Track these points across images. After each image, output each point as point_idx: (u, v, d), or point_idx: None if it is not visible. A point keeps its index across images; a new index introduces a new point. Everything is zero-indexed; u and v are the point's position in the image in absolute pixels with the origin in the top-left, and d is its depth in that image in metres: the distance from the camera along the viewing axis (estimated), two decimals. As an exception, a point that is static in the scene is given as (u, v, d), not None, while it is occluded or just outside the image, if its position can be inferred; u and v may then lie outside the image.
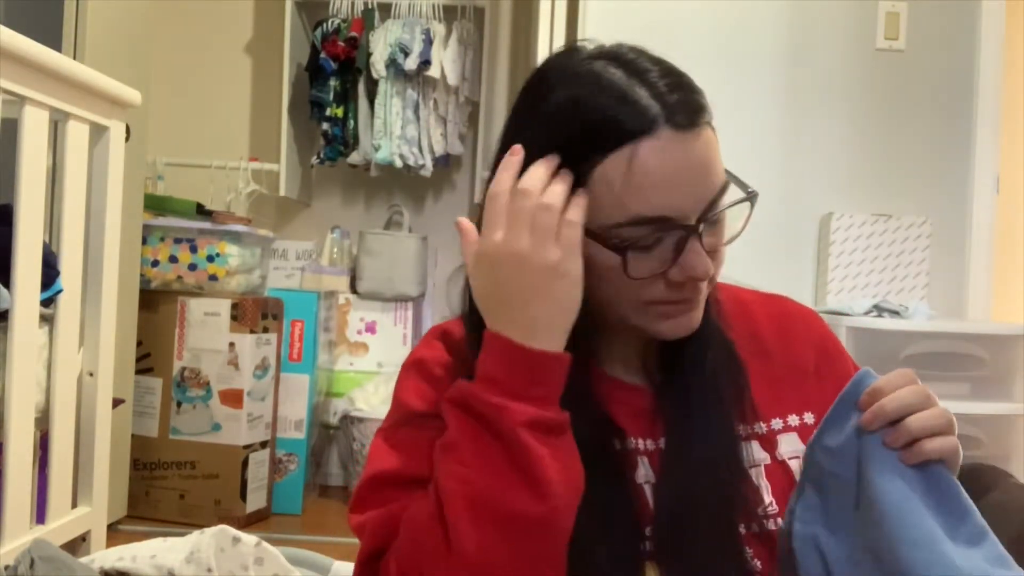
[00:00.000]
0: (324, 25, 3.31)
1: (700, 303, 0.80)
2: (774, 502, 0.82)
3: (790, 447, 0.86)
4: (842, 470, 0.76)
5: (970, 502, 0.72)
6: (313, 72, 3.32)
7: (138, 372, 2.71)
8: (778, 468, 0.84)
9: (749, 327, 0.89)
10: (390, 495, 0.79)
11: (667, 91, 0.74)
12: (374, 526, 0.78)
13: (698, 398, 0.82)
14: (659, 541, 0.79)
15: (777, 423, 0.86)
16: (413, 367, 0.88)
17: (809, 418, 0.87)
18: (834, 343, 0.93)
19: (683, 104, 0.74)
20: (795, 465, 0.84)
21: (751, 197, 0.78)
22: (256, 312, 2.74)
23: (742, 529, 0.81)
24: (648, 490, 0.81)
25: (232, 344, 2.72)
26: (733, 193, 0.78)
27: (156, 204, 2.87)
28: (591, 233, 0.75)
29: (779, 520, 0.81)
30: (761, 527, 0.81)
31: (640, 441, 0.83)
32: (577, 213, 0.74)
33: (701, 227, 0.74)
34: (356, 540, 0.80)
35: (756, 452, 0.84)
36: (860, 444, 0.75)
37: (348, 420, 3.00)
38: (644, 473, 0.82)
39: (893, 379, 0.75)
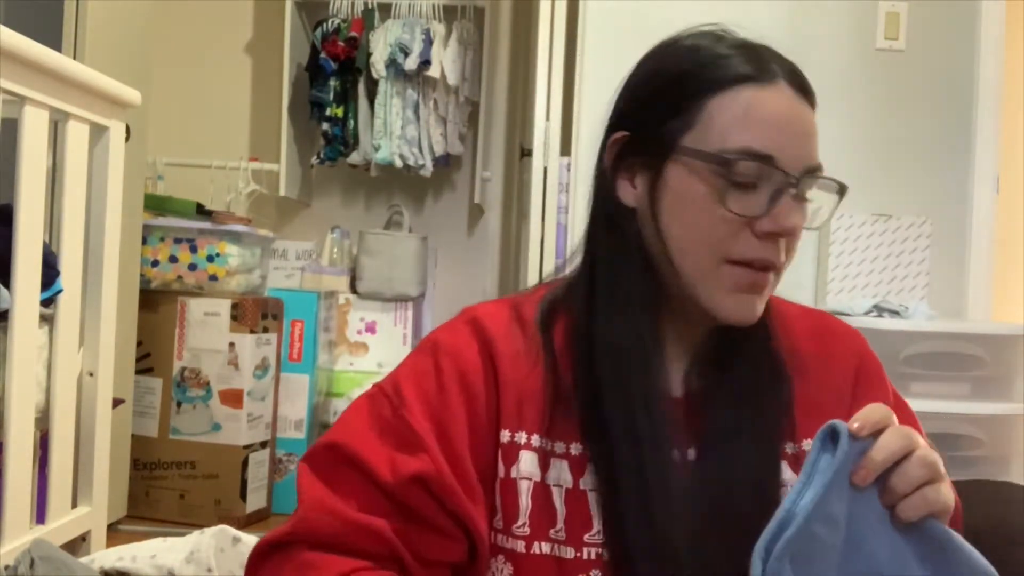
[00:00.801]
0: (324, 25, 3.31)
1: (766, 290, 0.80)
2: None
3: None
4: (828, 533, 0.68)
5: (966, 550, 0.68)
6: (313, 72, 3.32)
7: (138, 372, 2.71)
8: None
9: (788, 342, 0.87)
10: (341, 477, 0.78)
11: (791, 63, 0.81)
12: (302, 514, 0.77)
13: (739, 412, 0.81)
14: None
15: (807, 444, 0.83)
16: (429, 351, 0.84)
17: None
18: (875, 367, 0.90)
19: (803, 80, 0.81)
20: None
21: (843, 190, 0.80)
22: (256, 312, 2.74)
23: None
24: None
25: (232, 344, 2.72)
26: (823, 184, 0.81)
27: (156, 204, 2.87)
28: (700, 154, 0.77)
29: None
30: None
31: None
32: None
33: (800, 183, 0.77)
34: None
35: (785, 472, 0.82)
36: (847, 506, 0.68)
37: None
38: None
39: (871, 416, 0.67)
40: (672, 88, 0.80)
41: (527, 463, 0.80)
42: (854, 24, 2.67)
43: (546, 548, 0.79)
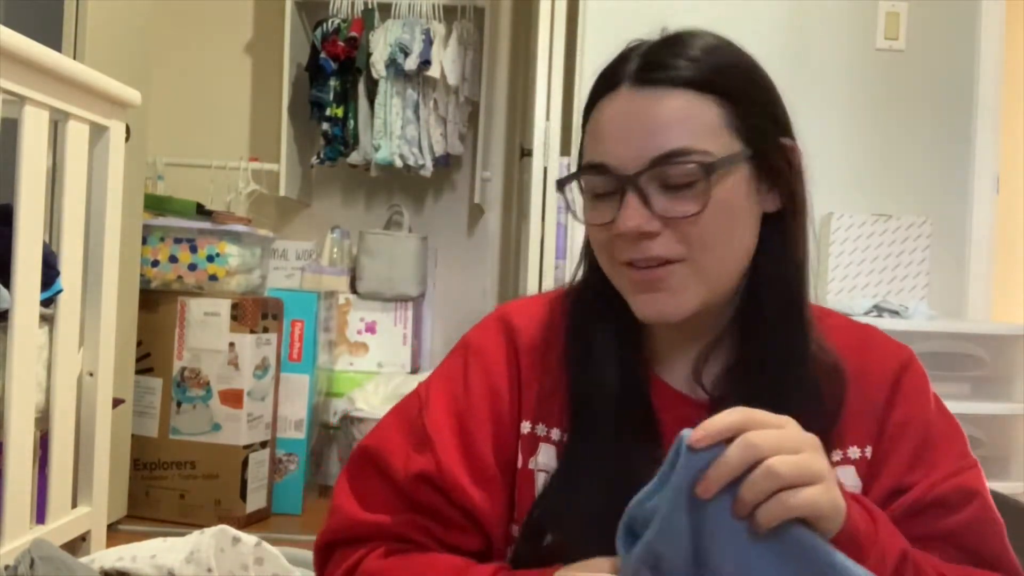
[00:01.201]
0: (324, 25, 3.31)
1: (668, 284, 0.77)
2: None
3: (845, 481, 0.79)
4: (673, 552, 0.63)
5: (837, 560, 0.62)
6: (313, 72, 3.32)
7: (138, 372, 2.71)
8: None
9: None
10: (366, 478, 0.85)
11: (649, 52, 0.79)
12: (340, 518, 0.84)
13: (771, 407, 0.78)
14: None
15: (837, 454, 0.82)
16: (460, 352, 0.89)
17: (868, 452, 0.82)
18: (916, 381, 0.86)
19: (652, 64, 0.78)
20: None
21: (706, 166, 0.75)
22: (256, 312, 2.74)
23: None
24: None
25: (232, 344, 2.72)
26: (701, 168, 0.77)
27: (156, 204, 2.87)
28: (569, 175, 0.82)
29: None
30: None
31: None
32: None
33: (640, 180, 0.75)
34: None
35: None
36: (694, 519, 0.63)
37: (348, 420, 3.00)
38: None
39: (714, 426, 0.63)
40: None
41: (544, 455, 0.83)
42: (854, 24, 2.67)
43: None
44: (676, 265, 0.77)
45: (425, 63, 3.21)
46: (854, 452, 0.82)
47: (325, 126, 3.33)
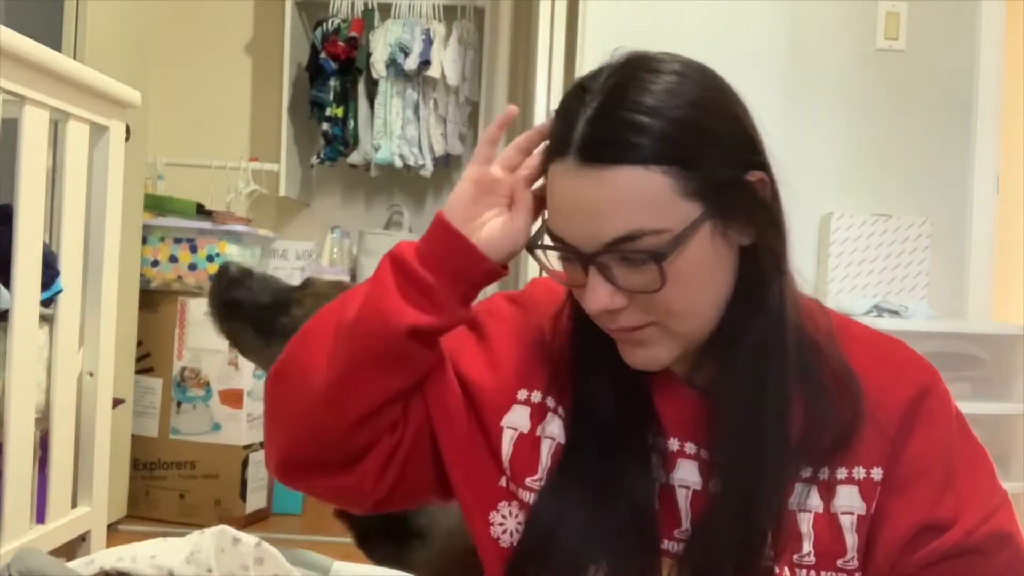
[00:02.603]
0: (324, 25, 3.31)
1: (645, 341, 0.78)
2: (812, 552, 0.78)
3: (847, 501, 0.80)
4: None
5: None
6: (313, 72, 3.32)
7: (138, 372, 2.71)
8: (827, 520, 0.79)
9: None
10: None
11: (596, 119, 0.74)
12: None
13: (740, 416, 0.79)
14: (688, 549, 0.80)
15: (842, 472, 0.80)
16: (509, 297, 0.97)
17: (877, 474, 0.80)
18: (939, 404, 0.83)
19: (600, 140, 0.74)
20: (847, 521, 0.79)
21: (655, 257, 0.73)
22: (256, 312, 2.74)
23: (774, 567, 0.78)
24: (685, 494, 0.82)
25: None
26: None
27: (156, 204, 2.88)
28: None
29: (813, 572, 0.78)
30: (792, 573, 0.78)
31: (687, 444, 0.83)
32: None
33: (599, 260, 0.75)
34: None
35: (812, 498, 0.80)
36: None
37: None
38: (685, 477, 0.82)
39: None
40: None
41: (553, 426, 0.86)
42: (854, 24, 2.67)
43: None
44: (648, 328, 0.78)
45: (425, 63, 3.22)
46: (859, 472, 0.80)
47: (325, 126, 3.33)
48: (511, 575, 0.83)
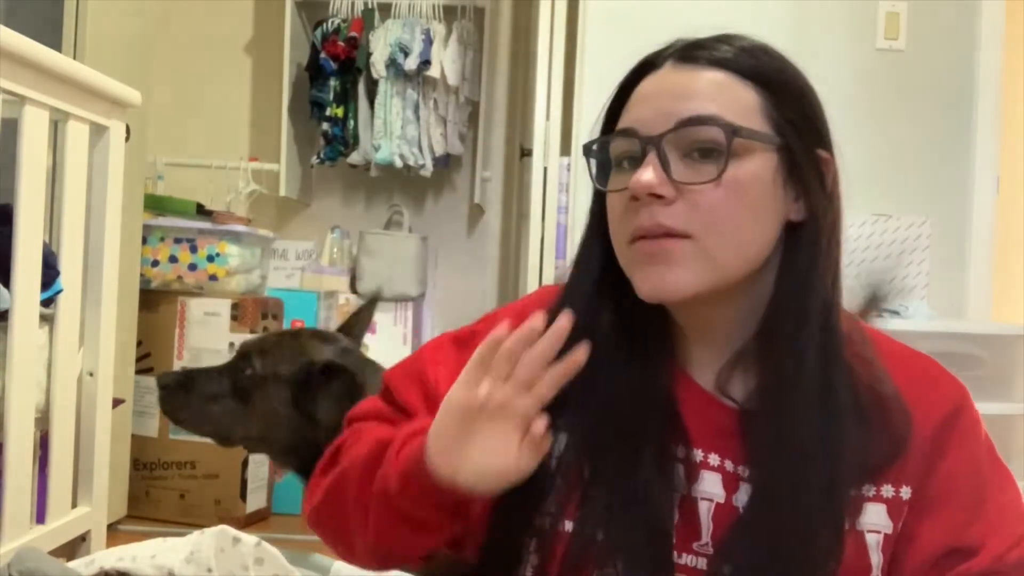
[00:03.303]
0: (324, 25, 3.31)
1: (671, 258, 0.75)
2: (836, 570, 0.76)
3: (874, 519, 0.78)
4: None
5: None
6: (313, 72, 3.32)
7: (138, 372, 2.71)
8: (852, 538, 0.77)
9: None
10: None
11: (695, 39, 0.81)
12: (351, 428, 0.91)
13: (799, 434, 0.76)
14: (713, 565, 0.77)
15: (869, 489, 0.78)
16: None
17: (905, 493, 0.78)
18: (970, 423, 0.81)
19: (697, 45, 0.80)
20: (872, 540, 0.77)
21: (730, 130, 0.74)
22: (256, 312, 2.74)
23: None
24: (707, 507, 0.79)
25: (232, 344, 2.72)
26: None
27: (156, 204, 2.88)
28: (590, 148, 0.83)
29: None
30: None
31: (711, 456, 0.80)
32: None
33: (662, 142, 0.75)
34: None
35: (870, 514, 0.78)
36: None
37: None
38: (709, 489, 0.80)
39: None
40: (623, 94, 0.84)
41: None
42: (854, 24, 2.67)
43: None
44: (683, 240, 0.75)
45: (425, 63, 3.21)
46: (888, 490, 0.78)
47: (325, 126, 3.33)
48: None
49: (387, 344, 3.30)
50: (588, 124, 2.67)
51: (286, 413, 1.47)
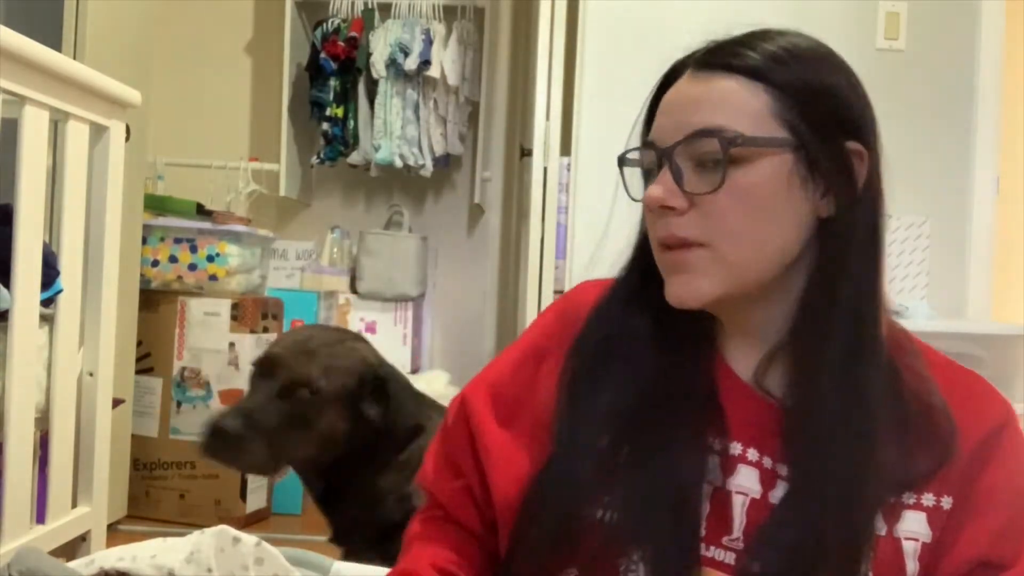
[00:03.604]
0: (324, 25, 3.31)
1: (690, 267, 0.77)
2: (871, 575, 0.76)
3: (912, 526, 0.77)
4: None
5: None
6: (313, 72, 3.32)
7: (138, 372, 2.71)
8: (889, 544, 0.77)
9: None
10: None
11: (720, 41, 0.82)
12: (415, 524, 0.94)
13: (829, 433, 0.76)
14: (750, 561, 0.76)
15: (910, 497, 0.78)
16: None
17: (946, 503, 0.78)
18: (1012, 442, 0.81)
19: (714, 50, 0.81)
20: (909, 547, 0.77)
21: (723, 142, 0.75)
22: (256, 312, 2.74)
23: None
24: (741, 501, 0.79)
25: (232, 344, 2.72)
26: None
27: (156, 204, 2.88)
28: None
29: None
30: None
31: (750, 450, 0.80)
32: None
33: (674, 154, 0.77)
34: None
35: (910, 520, 0.78)
36: None
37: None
38: (744, 484, 0.79)
39: None
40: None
41: None
42: (854, 24, 2.67)
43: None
44: (698, 249, 0.77)
45: (425, 63, 3.21)
46: (928, 499, 0.78)
47: (325, 126, 3.33)
48: (549, 552, 0.81)
49: (387, 344, 3.30)
50: (588, 124, 2.67)
51: (347, 427, 1.42)
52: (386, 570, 1.02)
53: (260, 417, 1.39)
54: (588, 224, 2.63)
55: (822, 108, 0.79)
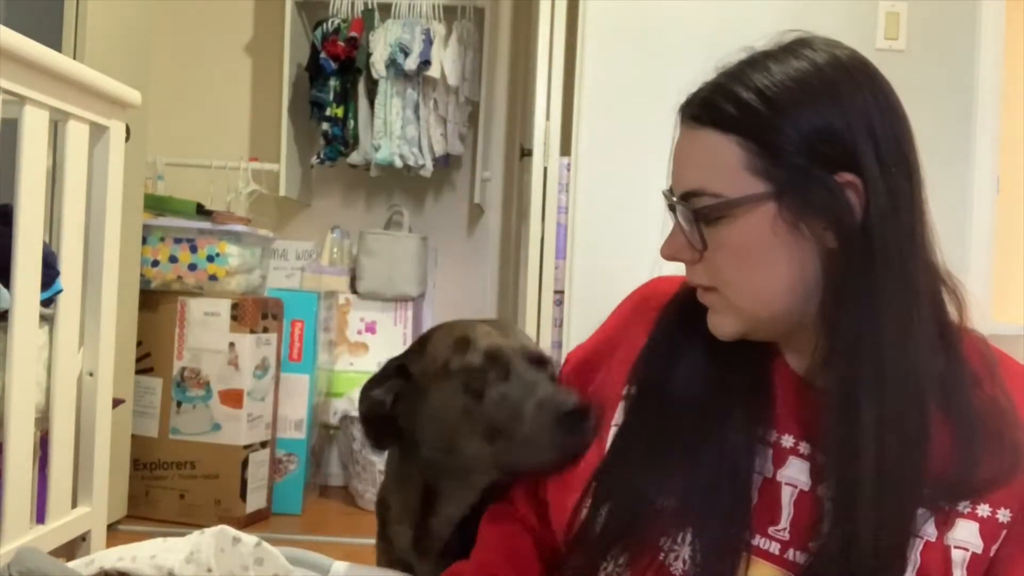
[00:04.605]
0: (324, 25, 3.31)
1: (714, 308, 0.83)
2: None
3: (964, 536, 0.76)
4: None
5: None
6: (313, 72, 3.32)
7: (138, 372, 2.71)
8: (939, 551, 0.76)
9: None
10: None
11: (709, 87, 0.82)
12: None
13: (868, 432, 0.75)
14: (794, 552, 0.78)
15: (965, 506, 0.77)
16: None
17: (1004, 515, 0.76)
18: None
19: (694, 103, 0.82)
20: (959, 556, 0.75)
21: (699, 216, 0.79)
22: (256, 312, 2.74)
23: None
24: (790, 492, 0.80)
25: (232, 344, 2.72)
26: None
27: (156, 204, 2.88)
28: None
29: None
30: None
31: (801, 444, 0.81)
32: None
33: (677, 210, 0.81)
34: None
35: (927, 525, 0.76)
36: None
37: (348, 420, 3.00)
38: (794, 476, 0.80)
39: None
40: None
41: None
42: (854, 24, 2.67)
43: None
44: (713, 293, 0.82)
45: (425, 63, 3.21)
46: (984, 510, 0.77)
47: (325, 126, 3.33)
48: (597, 540, 0.84)
49: (387, 344, 3.31)
50: (588, 124, 2.67)
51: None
52: (385, 571, 1.02)
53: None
54: (588, 224, 2.63)
55: (802, 149, 0.76)
